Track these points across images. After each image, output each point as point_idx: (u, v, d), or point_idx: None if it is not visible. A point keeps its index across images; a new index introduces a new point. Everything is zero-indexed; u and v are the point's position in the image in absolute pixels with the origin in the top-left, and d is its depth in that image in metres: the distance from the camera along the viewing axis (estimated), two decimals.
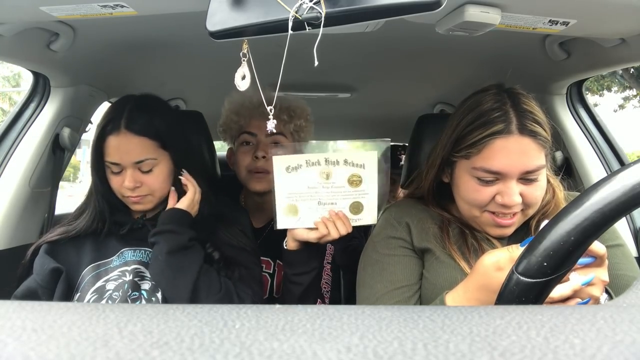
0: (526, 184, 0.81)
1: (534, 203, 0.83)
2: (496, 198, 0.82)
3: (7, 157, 1.27)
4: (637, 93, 11.44)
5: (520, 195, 0.81)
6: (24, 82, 16.36)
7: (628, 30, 0.90)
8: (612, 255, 0.86)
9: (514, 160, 0.79)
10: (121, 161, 1.00)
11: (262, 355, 0.21)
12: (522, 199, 0.81)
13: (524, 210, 0.84)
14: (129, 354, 0.21)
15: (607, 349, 0.21)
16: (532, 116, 0.82)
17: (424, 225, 0.93)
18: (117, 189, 1.04)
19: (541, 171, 0.82)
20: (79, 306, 0.29)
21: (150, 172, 1.02)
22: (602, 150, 1.39)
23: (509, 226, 0.85)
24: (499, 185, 0.82)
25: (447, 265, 0.87)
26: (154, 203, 1.06)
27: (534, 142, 0.80)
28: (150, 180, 1.02)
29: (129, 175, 1.00)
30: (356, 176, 0.98)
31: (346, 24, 0.63)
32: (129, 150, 1.00)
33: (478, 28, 0.79)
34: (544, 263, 0.46)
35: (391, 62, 1.46)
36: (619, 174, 0.43)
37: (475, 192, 0.84)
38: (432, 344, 0.22)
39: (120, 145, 1.00)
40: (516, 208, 0.83)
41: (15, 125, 1.31)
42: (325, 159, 0.98)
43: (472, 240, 0.89)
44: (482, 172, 0.82)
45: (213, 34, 0.66)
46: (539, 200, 0.84)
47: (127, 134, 1.00)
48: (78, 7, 0.78)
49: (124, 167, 1.01)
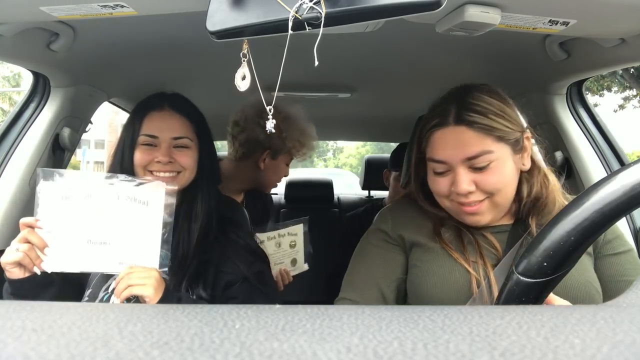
0: (477, 172, 0.84)
1: (492, 189, 0.84)
2: (451, 188, 0.86)
3: (7, 157, 1.27)
4: (637, 93, 11.43)
5: (474, 183, 0.84)
6: (24, 82, 16.35)
7: (628, 30, 0.90)
8: (623, 262, 0.87)
9: (451, 149, 0.85)
10: (160, 134, 1.03)
11: (262, 355, 0.21)
12: (476, 186, 0.84)
13: (489, 197, 0.85)
14: (129, 354, 0.21)
15: (607, 349, 0.21)
16: (474, 107, 0.85)
17: (418, 222, 0.95)
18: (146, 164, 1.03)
19: (489, 157, 0.83)
20: (79, 306, 0.29)
21: (183, 149, 1.05)
22: (602, 150, 1.38)
23: (477, 213, 0.86)
24: (451, 175, 0.86)
25: (437, 254, 0.89)
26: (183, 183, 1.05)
27: (471, 130, 0.84)
28: (183, 158, 1.04)
29: (164, 149, 1.02)
30: (293, 242, 1.52)
31: (346, 24, 0.63)
32: (170, 126, 1.04)
33: (478, 28, 0.79)
34: (544, 263, 0.46)
35: (391, 62, 1.46)
36: (619, 174, 0.43)
37: (436, 183, 0.89)
38: (432, 344, 0.22)
39: (163, 119, 1.04)
40: (473, 196, 0.84)
41: (15, 125, 1.31)
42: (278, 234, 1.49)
43: (469, 235, 0.90)
44: (432, 163, 0.88)
45: (213, 34, 0.66)
46: (498, 186, 0.85)
47: (170, 111, 1.05)
48: (78, 7, 0.78)
49: (159, 142, 1.03)
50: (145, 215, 0.89)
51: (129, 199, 0.89)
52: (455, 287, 0.85)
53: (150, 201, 0.90)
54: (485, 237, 0.90)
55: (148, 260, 0.89)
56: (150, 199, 0.90)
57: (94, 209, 0.87)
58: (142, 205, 0.90)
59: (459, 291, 0.84)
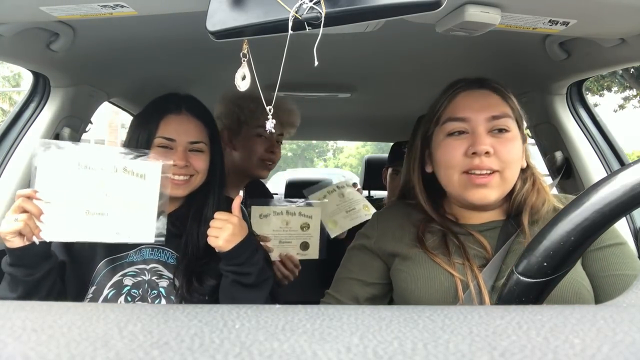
0: (495, 137, 0.86)
1: (507, 158, 0.85)
2: (468, 151, 0.85)
3: (7, 157, 1.27)
4: (637, 93, 11.43)
5: (492, 149, 0.84)
6: (24, 82, 16.34)
7: (628, 30, 0.90)
8: (611, 255, 0.85)
9: (477, 105, 0.87)
10: (178, 138, 1.05)
11: (262, 355, 0.21)
12: (494, 152, 0.84)
13: (500, 172, 0.85)
14: (129, 354, 0.21)
15: (607, 349, 0.21)
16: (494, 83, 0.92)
17: (404, 229, 0.96)
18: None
19: (509, 122, 0.87)
20: (79, 306, 0.29)
21: (198, 153, 1.07)
22: (602, 150, 1.39)
23: (487, 185, 0.85)
24: (470, 137, 0.86)
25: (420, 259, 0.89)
26: (194, 186, 1.08)
27: (495, 94, 0.89)
28: (198, 162, 1.07)
29: (180, 152, 1.04)
30: (306, 224, 1.42)
31: (346, 24, 0.63)
32: (188, 130, 1.06)
33: (478, 28, 0.79)
34: (544, 263, 0.46)
35: (391, 62, 1.46)
36: (619, 174, 0.43)
37: (451, 149, 0.88)
38: (432, 344, 0.22)
39: (181, 123, 1.06)
40: (488, 161, 0.84)
41: (15, 125, 1.31)
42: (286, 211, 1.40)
43: (453, 239, 0.89)
44: (451, 123, 0.89)
45: (213, 34, 0.66)
46: (512, 157, 0.86)
47: (188, 115, 1.07)
48: (78, 7, 0.78)
49: (176, 146, 1.05)
50: (142, 187, 0.92)
51: (126, 171, 0.91)
52: (440, 289, 0.84)
53: (147, 174, 0.92)
54: (473, 237, 0.90)
55: (145, 230, 0.92)
56: (147, 172, 0.92)
57: (92, 181, 0.89)
58: (139, 178, 0.92)
59: (444, 294, 0.84)
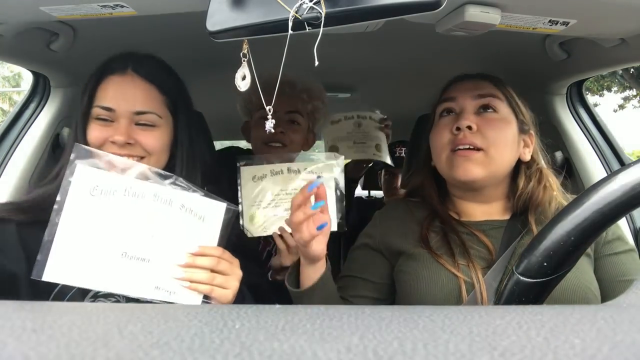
0: (481, 115, 0.91)
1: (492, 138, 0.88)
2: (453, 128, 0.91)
3: (7, 157, 1.27)
4: (637, 93, 11.43)
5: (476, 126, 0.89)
6: (24, 82, 16.34)
7: (628, 30, 0.90)
8: (624, 261, 0.87)
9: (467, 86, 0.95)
10: (117, 107, 0.81)
11: (262, 355, 0.21)
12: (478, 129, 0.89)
13: (485, 150, 0.87)
14: (129, 354, 0.21)
15: (607, 349, 0.21)
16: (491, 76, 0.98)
17: (406, 226, 0.96)
18: (100, 144, 0.81)
19: (497, 103, 0.92)
20: (78, 306, 0.29)
21: (149, 128, 0.82)
22: (602, 150, 1.38)
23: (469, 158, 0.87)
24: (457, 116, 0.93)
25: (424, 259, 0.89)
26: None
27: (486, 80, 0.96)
28: (148, 139, 0.81)
29: (122, 126, 0.80)
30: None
31: (346, 24, 0.63)
32: (132, 96, 0.82)
33: (478, 28, 0.78)
34: (544, 263, 0.46)
35: (391, 62, 1.46)
36: (619, 174, 0.43)
37: (440, 128, 0.95)
38: (432, 344, 0.22)
39: (122, 87, 0.82)
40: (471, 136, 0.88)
41: (15, 125, 1.31)
42: (287, 168, 1.03)
43: (456, 238, 0.90)
44: (442, 105, 0.97)
45: (213, 34, 0.66)
46: (497, 136, 0.88)
47: (133, 76, 0.83)
48: (78, 7, 0.78)
49: (116, 117, 0.81)
50: (199, 232, 0.72)
51: (184, 208, 0.71)
52: (444, 290, 0.84)
53: (207, 216, 0.73)
54: (476, 237, 0.90)
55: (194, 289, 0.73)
56: (208, 213, 0.73)
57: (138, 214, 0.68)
58: (197, 220, 0.72)
59: (448, 294, 0.84)
